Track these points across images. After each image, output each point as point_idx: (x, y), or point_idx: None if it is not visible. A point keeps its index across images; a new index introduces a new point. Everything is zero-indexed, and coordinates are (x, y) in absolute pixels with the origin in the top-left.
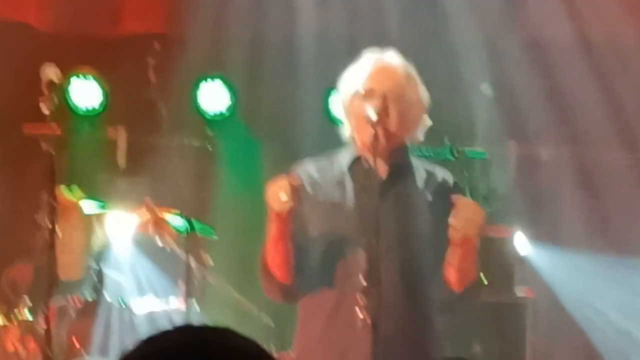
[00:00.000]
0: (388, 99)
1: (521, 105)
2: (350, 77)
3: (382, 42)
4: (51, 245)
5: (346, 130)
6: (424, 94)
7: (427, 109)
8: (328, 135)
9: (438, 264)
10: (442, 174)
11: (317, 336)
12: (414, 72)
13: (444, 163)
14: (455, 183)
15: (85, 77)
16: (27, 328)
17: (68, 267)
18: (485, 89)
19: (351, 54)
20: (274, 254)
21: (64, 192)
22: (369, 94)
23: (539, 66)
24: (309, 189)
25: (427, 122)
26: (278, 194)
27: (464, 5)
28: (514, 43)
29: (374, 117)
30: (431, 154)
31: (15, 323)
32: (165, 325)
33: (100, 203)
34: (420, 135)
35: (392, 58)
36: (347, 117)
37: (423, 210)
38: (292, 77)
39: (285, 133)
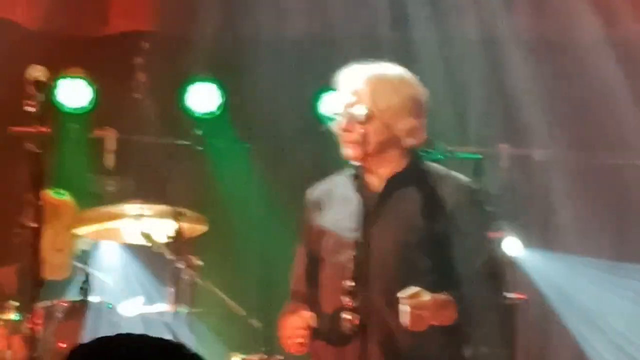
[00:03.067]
0: (352, 103)
1: (515, 107)
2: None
3: (372, 43)
4: (35, 246)
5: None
6: (406, 93)
7: (415, 112)
8: (317, 137)
9: (439, 271)
10: (459, 179)
11: (324, 337)
12: (392, 72)
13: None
14: (473, 187)
15: (73, 77)
16: (14, 329)
17: (56, 267)
18: None
19: (343, 56)
20: None
21: (50, 194)
22: (343, 112)
23: (534, 67)
24: (317, 209)
25: (419, 127)
26: (294, 335)
27: (459, 4)
28: (509, 43)
29: (343, 126)
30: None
31: (2, 323)
32: (153, 330)
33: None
34: (419, 139)
35: (370, 67)
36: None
37: (427, 213)
38: (283, 78)
39: (275, 135)
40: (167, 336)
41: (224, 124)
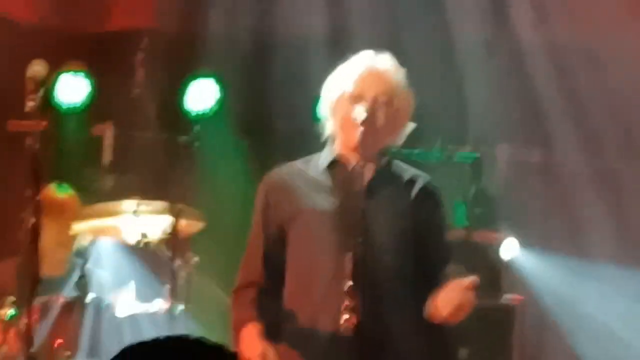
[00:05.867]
0: (377, 102)
1: (515, 109)
2: (340, 77)
3: (374, 44)
4: (34, 242)
5: (328, 130)
6: (411, 100)
7: (412, 116)
8: (315, 138)
9: (422, 271)
10: (424, 177)
11: (300, 337)
12: (403, 78)
13: (434, 164)
14: (435, 187)
15: (73, 73)
16: (11, 324)
17: (56, 262)
18: None
19: (344, 58)
20: None
21: (53, 189)
22: (358, 96)
23: (535, 70)
24: (281, 192)
25: (410, 127)
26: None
27: (459, 6)
28: (510, 46)
29: (363, 116)
30: (421, 156)
31: None
32: (148, 327)
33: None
34: (400, 140)
35: (385, 62)
36: (332, 116)
37: (407, 212)
38: (284, 76)
39: (273, 134)
40: (163, 333)
41: (222, 121)
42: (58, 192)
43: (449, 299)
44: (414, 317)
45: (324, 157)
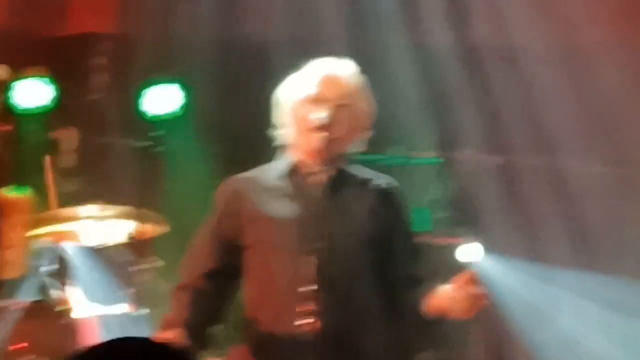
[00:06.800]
0: (338, 106)
1: (476, 113)
2: (299, 82)
3: (336, 50)
4: None
5: (285, 135)
6: (372, 105)
7: (372, 121)
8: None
9: (391, 270)
10: (384, 178)
11: (263, 342)
12: (364, 84)
13: (395, 168)
14: (397, 187)
15: (34, 77)
16: None
17: (8, 264)
18: None
19: (302, 62)
20: None
21: (7, 190)
22: (319, 99)
23: (493, 73)
24: (239, 199)
25: (369, 133)
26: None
27: (417, 13)
28: (471, 50)
29: (324, 119)
30: (384, 160)
31: None
32: (112, 331)
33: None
34: (360, 146)
35: (345, 67)
36: (290, 121)
37: (369, 214)
38: (247, 83)
39: (236, 139)
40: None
41: (185, 125)
42: (13, 192)
43: (459, 296)
44: (380, 318)
45: (281, 164)
